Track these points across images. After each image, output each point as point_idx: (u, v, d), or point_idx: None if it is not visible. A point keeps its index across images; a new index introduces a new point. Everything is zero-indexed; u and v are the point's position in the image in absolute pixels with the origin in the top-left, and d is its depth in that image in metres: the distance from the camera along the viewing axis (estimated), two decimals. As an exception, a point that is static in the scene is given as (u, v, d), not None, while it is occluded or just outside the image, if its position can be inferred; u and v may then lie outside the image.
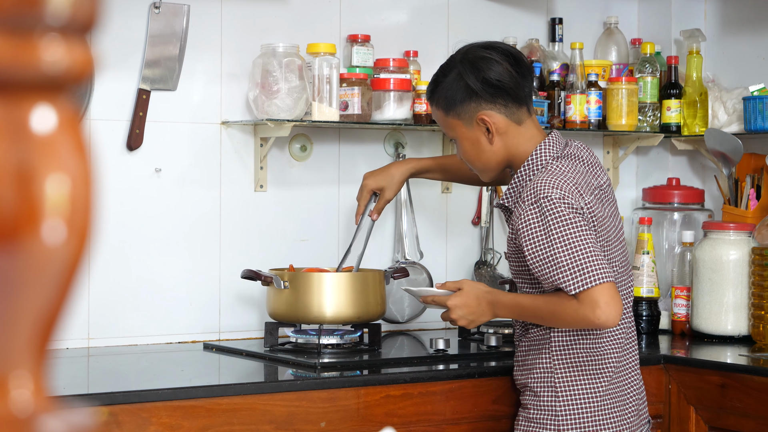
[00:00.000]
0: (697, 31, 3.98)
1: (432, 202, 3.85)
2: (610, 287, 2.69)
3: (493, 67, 2.84)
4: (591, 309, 2.67)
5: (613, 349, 2.85)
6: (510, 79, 2.84)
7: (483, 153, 2.88)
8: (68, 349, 3.25)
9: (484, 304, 2.86)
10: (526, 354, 2.90)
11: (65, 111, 0.64)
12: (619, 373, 2.86)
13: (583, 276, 2.67)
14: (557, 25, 3.99)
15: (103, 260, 3.30)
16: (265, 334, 3.26)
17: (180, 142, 3.45)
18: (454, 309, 2.88)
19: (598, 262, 2.69)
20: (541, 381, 2.85)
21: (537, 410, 2.85)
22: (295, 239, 3.62)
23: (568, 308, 2.71)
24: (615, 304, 2.68)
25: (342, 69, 3.55)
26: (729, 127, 3.88)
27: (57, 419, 0.63)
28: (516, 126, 2.86)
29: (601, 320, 2.68)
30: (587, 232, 2.71)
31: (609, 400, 2.84)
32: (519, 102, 2.86)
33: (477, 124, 2.86)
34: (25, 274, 0.62)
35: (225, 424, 2.73)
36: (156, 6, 3.37)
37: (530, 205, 2.73)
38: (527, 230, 2.73)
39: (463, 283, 2.90)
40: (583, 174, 2.83)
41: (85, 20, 0.64)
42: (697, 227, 3.87)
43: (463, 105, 2.86)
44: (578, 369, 2.83)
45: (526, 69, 2.89)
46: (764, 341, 3.52)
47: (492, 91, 2.84)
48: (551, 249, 2.70)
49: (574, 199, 2.73)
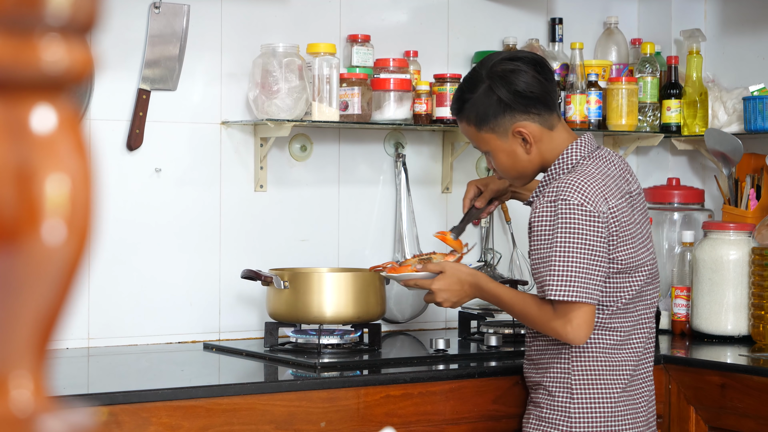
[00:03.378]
0: (697, 31, 3.98)
1: (432, 202, 3.85)
2: (589, 310, 2.72)
3: (523, 78, 2.83)
4: (562, 324, 2.73)
5: (631, 358, 2.86)
6: (539, 87, 2.84)
7: (519, 163, 2.88)
8: (68, 349, 3.25)
9: (466, 286, 2.90)
10: (542, 352, 2.90)
11: (65, 111, 0.64)
12: (633, 382, 2.88)
13: (569, 287, 2.69)
14: (557, 25, 3.99)
15: (103, 260, 3.30)
16: (265, 334, 3.26)
17: (180, 142, 3.45)
18: (438, 292, 2.91)
19: (591, 279, 2.71)
20: (557, 381, 2.85)
21: (550, 409, 2.85)
22: (295, 239, 3.62)
23: (542, 313, 2.75)
24: (587, 328, 2.73)
25: (342, 69, 3.55)
26: (729, 127, 3.88)
27: (57, 419, 0.63)
28: (549, 132, 2.86)
29: (569, 338, 2.74)
30: (594, 246, 2.72)
31: (623, 405, 2.84)
32: (550, 108, 2.87)
33: (513, 136, 2.85)
34: (25, 274, 0.62)
35: (225, 424, 2.73)
36: (156, 6, 3.37)
37: (548, 202, 2.74)
38: (536, 225, 2.75)
39: (444, 266, 2.93)
40: (613, 177, 2.82)
41: (85, 20, 0.64)
42: (697, 227, 3.87)
43: (497, 119, 2.85)
44: (595, 373, 2.83)
45: (551, 73, 2.90)
46: (764, 341, 3.52)
47: (525, 102, 2.83)
48: (550, 250, 2.71)
49: (594, 206, 2.72)
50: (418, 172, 3.81)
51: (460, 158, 3.87)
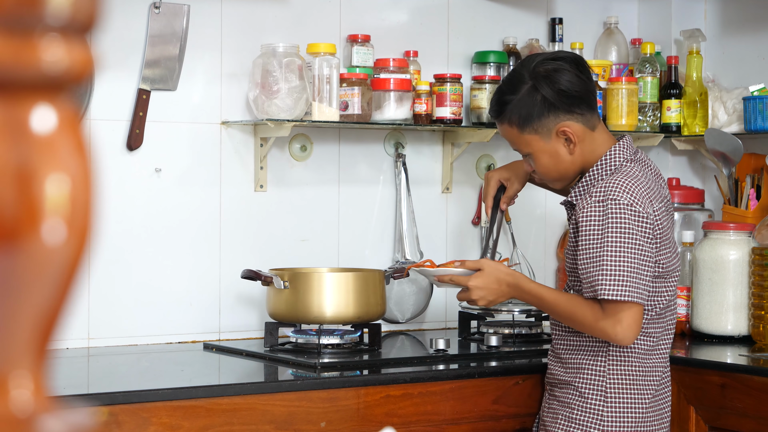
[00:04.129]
0: (697, 31, 3.98)
1: (432, 202, 3.85)
2: (639, 310, 2.71)
3: (566, 77, 2.82)
4: (612, 324, 2.71)
5: (661, 363, 2.89)
6: (582, 86, 2.84)
7: (562, 164, 2.86)
8: (68, 349, 3.25)
9: (504, 285, 2.86)
10: (575, 352, 2.89)
11: (65, 111, 0.64)
12: (661, 386, 2.90)
13: (621, 286, 2.68)
14: (557, 25, 3.99)
15: (103, 260, 3.30)
16: (265, 334, 3.26)
17: (180, 142, 3.45)
18: (474, 290, 2.86)
19: (641, 279, 2.71)
20: (591, 383, 2.85)
21: (582, 411, 2.85)
22: (295, 239, 3.62)
23: (590, 314, 2.73)
24: (636, 328, 2.72)
25: (342, 69, 3.55)
26: (729, 127, 3.88)
27: (57, 419, 0.63)
28: (591, 132, 2.86)
29: (618, 338, 2.72)
30: (643, 246, 2.72)
31: (653, 411, 2.86)
32: (592, 108, 2.87)
33: (556, 137, 2.84)
34: (25, 274, 0.62)
35: (225, 424, 2.73)
36: (156, 6, 3.37)
37: (596, 202, 2.74)
38: (586, 226, 2.74)
39: (483, 263, 2.89)
40: (654, 181, 2.84)
41: (85, 20, 0.64)
42: (697, 227, 3.87)
43: (540, 119, 2.83)
44: (630, 377, 2.84)
45: (590, 73, 2.90)
46: (764, 341, 3.52)
47: (569, 102, 2.82)
48: (601, 250, 2.71)
49: (642, 206, 2.73)
50: (418, 172, 3.81)
51: (460, 158, 3.87)
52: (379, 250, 3.74)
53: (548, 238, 4.03)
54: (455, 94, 3.64)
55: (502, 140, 3.91)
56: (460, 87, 3.65)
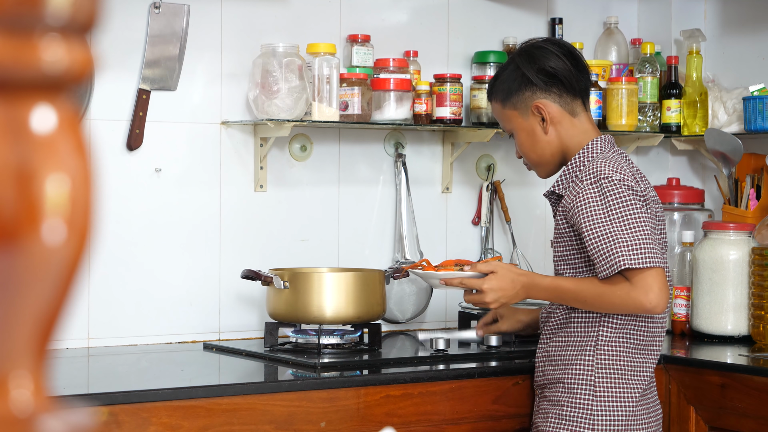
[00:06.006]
0: (697, 31, 3.98)
1: (432, 202, 3.85)
2: (662, 273, 2.73)
3: (549, 57, 2.90)
4: (644, 292, 2.69)
5: (650, 362, 2.89)
6: (565, 69, 2.90)
7: (538, 143, 2.91)
8: (68, 349, 3.25)
9: (518, 286, 2.86)
10: (563, 349, 2.89)
11: (65, 111, 0.64)
12: (650, 383, 2.90)
13: (641, 254, 2.70)
14: (557, 25, 3.99)
15: (103, 260, 3.30)
16: (265, 334, 3.26)
17: (180, 142, 3.45)
18: (488, 292, 2.86)
19: (654, 245, 2.74)
20: (580, 378, 2.85)
21: (571, 407, 2.85)
22: (295, 239, 3.62)
23: (619, 290, 2.72)
24: (666, 292, 2.73)
25: (342, 69, 3.55)
26: (729, 127, 3.88)
27: (57, 419, 0.63)
28: (570, 117, 2.90)
29: (652, 305, 2.70)
30: (645, 215, 2.76)
31: (642, 406, 2.86)
32: (573, 93, 2.91)
33: (532, 114, 2.90)
34: (25, 274, 0.62)
35: (225, 424, 2.73)
36: (156, 6, 3.37)
37: (590, 184, 2.76)
38: (586, 209, 2.75)
39: (495, 266, 2.89)
40: (638, 173, 2.88)
41: (85, 20, 0.64)
42: (697, 227, 3.87)
43: (518, 94, 2.91)
44: (618, 372, 2.83)
45: (582, 64, 2.96)
46: (764, 341, 3.52)
47: (546, 80, 2.89)
48: (611, 226, 2.72)
49: (632, 182, 2.77)
50: (418, 172, 3.81)
51: (460, 158, 3.87)
52: (379, 250, 3.74)
53: (548, 238, 4.03)
54: (455, 94, 3.64)
55: (502, 140, 3.92)
56: (460, 87, 3.66)
